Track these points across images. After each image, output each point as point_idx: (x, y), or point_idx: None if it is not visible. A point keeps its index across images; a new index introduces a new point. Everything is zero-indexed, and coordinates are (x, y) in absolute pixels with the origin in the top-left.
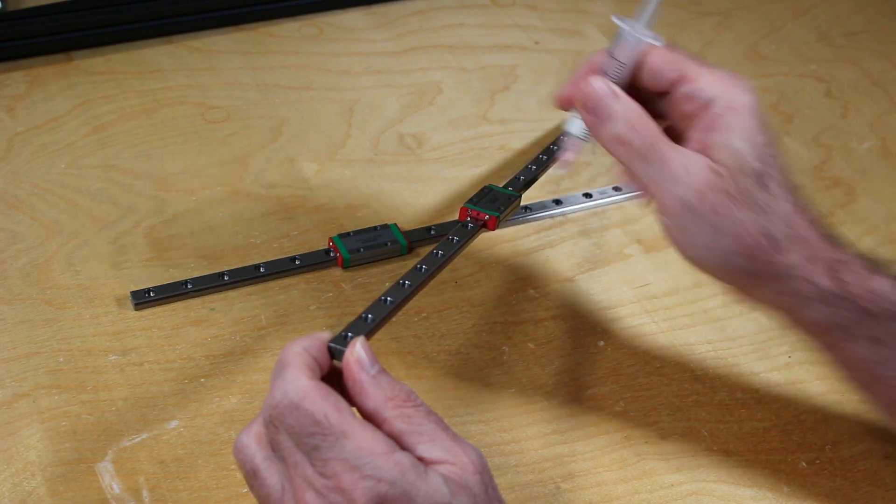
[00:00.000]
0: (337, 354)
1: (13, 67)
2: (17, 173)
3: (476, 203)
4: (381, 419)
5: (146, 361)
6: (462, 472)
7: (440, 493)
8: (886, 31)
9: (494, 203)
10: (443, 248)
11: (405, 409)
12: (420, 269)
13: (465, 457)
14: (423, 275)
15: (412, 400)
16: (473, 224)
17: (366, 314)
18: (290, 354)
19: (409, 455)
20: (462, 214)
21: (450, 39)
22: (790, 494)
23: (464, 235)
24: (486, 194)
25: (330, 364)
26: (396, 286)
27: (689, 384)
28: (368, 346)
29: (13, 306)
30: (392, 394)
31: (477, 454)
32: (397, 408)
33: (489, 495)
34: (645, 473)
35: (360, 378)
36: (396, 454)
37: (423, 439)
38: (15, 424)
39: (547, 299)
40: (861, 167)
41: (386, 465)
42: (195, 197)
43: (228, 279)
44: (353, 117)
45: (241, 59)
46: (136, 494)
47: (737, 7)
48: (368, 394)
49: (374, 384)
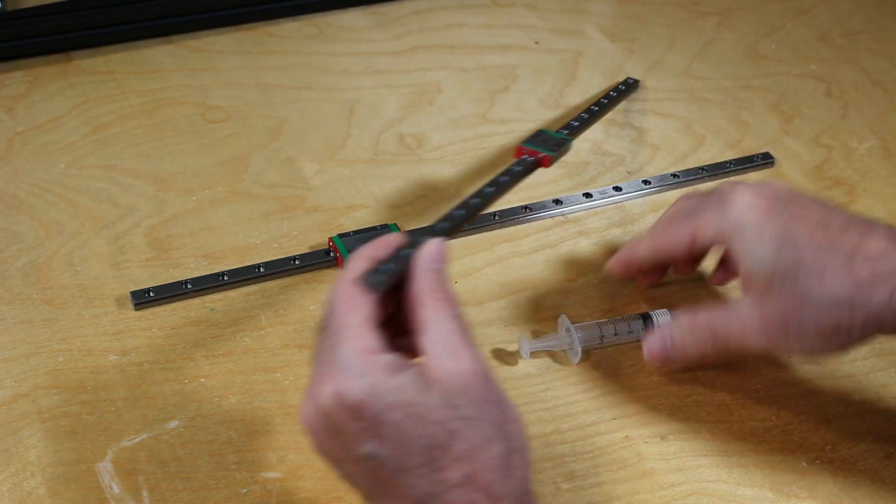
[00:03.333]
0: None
1: (13, 67)
2: (17, 173)
3: (531, 143)
4: (419, 303)
5: (146, 361)
6: (451, 372)
7: (409, 388)
8: (886, 31)
9: (547, 143)
10: (506, 175)
11: (439, 304)
12: (486, 191)
13: (461, 361)
14: (489, 195)
15: (450, 301)
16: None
17: (442, 222)
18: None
19: (389, 356)
20: (518, 153)
21: (450, 39)
22: (790, 494)
23: (523, 168)
24: (539, 135)
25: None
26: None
27: (689, 384)
28: (442, 248)
29: (13, 306)
30: (435, 287)
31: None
32: (434, 301)
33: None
34: (645, 473)
35: (418, 265)
36: (375, 355)
37: (433, 333)
38: (15, 424)
39: (547, 299)
40: (861, 167)
41: (360, 362)
42: (195, 197)
43: (228, 279)
44: (353, 117)
45: (241, 59)
46: (136, 494)
47: (737, 7)
48: (419, 278)
49: (429, 274)
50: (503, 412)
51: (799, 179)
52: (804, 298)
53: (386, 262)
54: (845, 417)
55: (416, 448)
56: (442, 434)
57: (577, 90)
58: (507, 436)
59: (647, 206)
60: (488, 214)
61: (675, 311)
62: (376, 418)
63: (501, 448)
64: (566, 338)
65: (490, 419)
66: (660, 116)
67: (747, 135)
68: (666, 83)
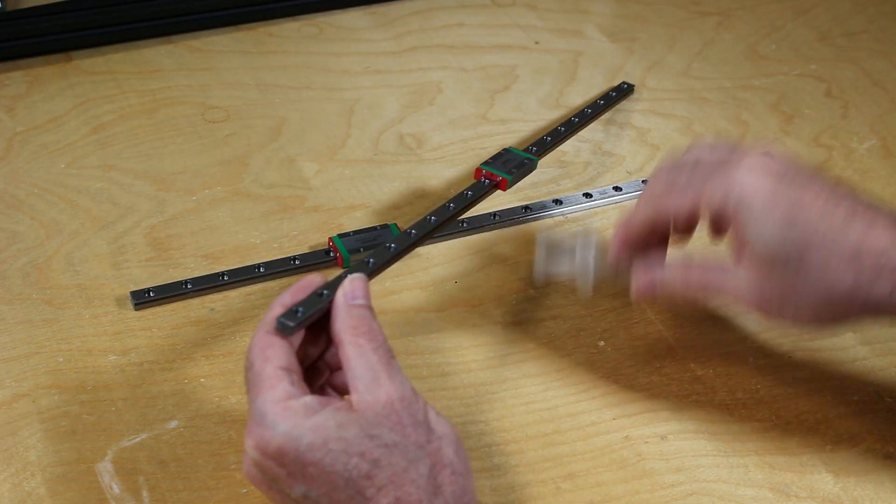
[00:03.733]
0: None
1: (13, 67)
2: (17, 173)
3: (491, 164)
4: (340, 341)
5: (146, 361)
6: (372, 403)
7: (326, 426)
8: (886, 31)
9: (508, 165)
10: (454, 202)
11: (360, 338)
12: (429, 220)
13: (381, 390)
14: (431, 225)
15: (371, 334)
16: (487, 183)
17: (368, 259)
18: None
19: (306, 399)
20: (477, 174)
21: (450, 39)
22: (790, 494)
23: (476, 192)
24: (502, 156)
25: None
26: (403, 235)
27: (689, 384)
28: (361, 283)
29: (13, 306)
30: (356, 323)
31: (397, 389)
32: (354, 336)
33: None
34: (645, 473)
35: (337, 304)
36: (290, 401)
37: (355, 369)
38: (15, 424)
39: (547, 299)
40: (861, 167)
41: (272, 411)
42: (195, 197)
43: (228, 279)
44: (353, 117)
45: (240, 58)
46: (135, 494)
47: (737, 7)
48: (338, 317)
49: (346, 312)
50: (429, 431)
51: None
52: (805, 285)
53: (301, 304)
54: (845, 417)
55: (340, 483)
56: (364, 465)
57: (576, 90)
58: (433, 454)
59: None
60: (488, 214)
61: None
62: (298, 461)
63: (426, 467)
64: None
65: (415, 441)
66: (660, 116)
67: (747, 135)
68: (666, 83)
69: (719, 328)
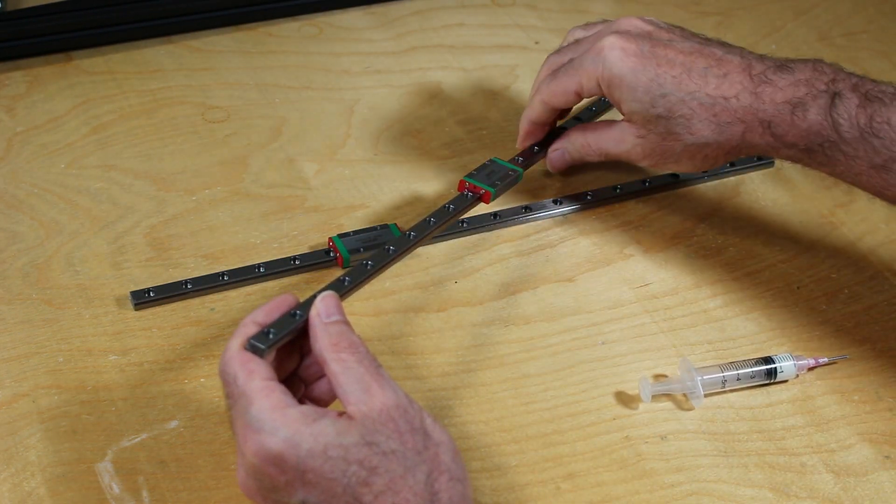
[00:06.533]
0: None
1: (13, 67)
2: (17, 173)
3: (475, 176)
4: (323, 360)
5: (146, 361)
6: (368, 411)
7: (326, 433)
8: (886, 31)
9: (493, 177)
10: (435, 217)
11: (342, 353)
12: (409, 235)
13: (376, 398)
14: (410, 241)
15: (352, 347)
16: (470, 196)
17: (344, 277)
18: (240, 325)
19: (303, 408)
20: (460, 186)
21: (450, 39)
22: (790, 494)
23: (459, 206)
24: (487, 167)
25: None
26: (381, 251)
27: None
28: (333, 300)
29: (13, 306)
30: (336, 340)
31: (390, 396)
32: (336, 352)
33: (406, 428)
34: (645, 473)
35: (313, 324)
36: (288, 409)
37: (344, 384)
38: (15, 424)
39: (547, 299)
40: None
41: (271, 418)
42: (195, 197)
43: (228, 279)
44: (353, 117)
45: (240, 58)
46: (135, 494)
47: (737, 7)
48: (317, 337)
49: (324, 330)
50: (426, 438)
51: (799, 180)
52: (677, 138)
53: (273, 325)
54: (845, 417)
55: (339, 490)
56: (362, 472)
57: None
58: (431, 460)
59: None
60: (488, 214)
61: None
62: (298, 467)
63: (423, 474)
64: (688, 381)
65: (413, 448)
66: None
67: None
68: None
69: (719, 328)
